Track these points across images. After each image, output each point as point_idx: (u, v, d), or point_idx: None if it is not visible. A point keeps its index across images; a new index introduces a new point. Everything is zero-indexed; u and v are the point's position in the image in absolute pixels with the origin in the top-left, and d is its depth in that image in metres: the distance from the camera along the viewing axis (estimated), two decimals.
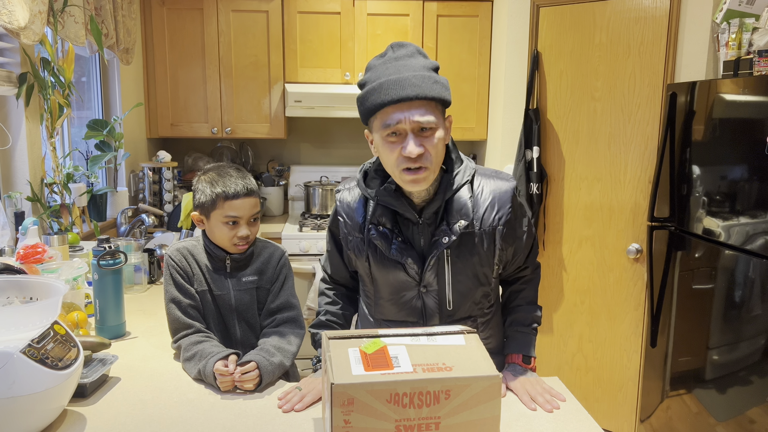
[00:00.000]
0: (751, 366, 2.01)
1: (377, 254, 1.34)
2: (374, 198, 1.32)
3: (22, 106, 2.17)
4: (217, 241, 1.55)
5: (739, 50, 2.30)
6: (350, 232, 1.38)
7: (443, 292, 1.34)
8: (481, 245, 1.32)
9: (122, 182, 3.11)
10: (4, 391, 1.05)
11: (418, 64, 1.23)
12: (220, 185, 1.50)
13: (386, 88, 1.19)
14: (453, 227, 1.29)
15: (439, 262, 1.32)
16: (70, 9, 2.26)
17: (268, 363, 1.38)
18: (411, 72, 1.20)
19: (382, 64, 1.25)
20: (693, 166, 2.28)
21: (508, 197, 1.33)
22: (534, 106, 2.90)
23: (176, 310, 1.51)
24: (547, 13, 2.84)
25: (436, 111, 1.23)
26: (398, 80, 1.19)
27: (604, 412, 2.88)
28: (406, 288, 1.36)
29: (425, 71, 1.22)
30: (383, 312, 1.42)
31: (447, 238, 1.29)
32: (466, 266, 1.33)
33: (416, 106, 1.19)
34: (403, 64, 1.22)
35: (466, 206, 1.29)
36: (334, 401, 0.98)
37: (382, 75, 1.22)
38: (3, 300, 1.26)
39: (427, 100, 1.20)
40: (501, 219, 1.32)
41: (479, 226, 1.31)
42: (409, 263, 1.32)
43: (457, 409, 1.04)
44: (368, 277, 1.40)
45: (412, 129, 1.20)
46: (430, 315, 1.37)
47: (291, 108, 3.22)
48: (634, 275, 2.74)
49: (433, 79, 1.21)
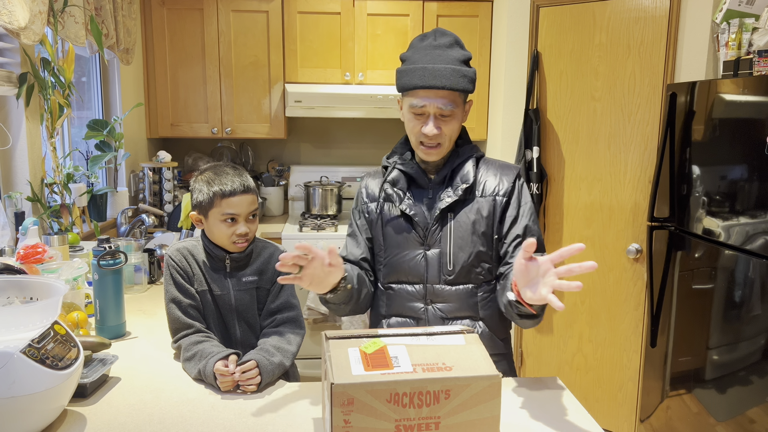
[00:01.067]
0: (751, 366, 2.01)
1: (390, 213, 1.52)
2: (392, 164, 1.53)
3: (22, 106, 2.17)
4: (216, 240, 1.55)
5: (739, 50, 2.30)
6: (368, 203, 1.56)
7: (444, 250, 1.47)
8: (481, 210, 1.47)
9: (122, 182, 3.11)
10: (4, 391, 1.05)
11: (453, 55, 1.41)
12: (217, 183, 1.51)
13: (421, 73, 1.39)
14: (456, 190, 1.46)
15: (442, 223, 1.47)
16: (70, 9, 2.26)
17: (268, 363, 1.38)
18: (444, 63, 1.39)
19: (423, 48, 1.42)
20: (693, 166, 2.28)
21: (512, 175, 1.51)
22: (534, 106, 2.90)
23: (176, 310, 1.51)
24: (547, 13, 2.84)
25: (457, 100, 1.42)
26: (433, 70, 1.38)
27: (604, 412, 2.88)
28: (412, 246, 1.49)
29: (457, 64, 1.40)
30: (390, 274, 1.52)
31: (449, 197, 1.46)
32: (467, 227, 1.47)
33: (442, 95, 1.40)
34: (439, 53, 1.40)
35: (469, 173, 1.48)
36: (334, 401, 0.98)
37: (420, 60, 1.41)
38: (3, 300, 1.26)
39: (453, 91, 1.40)
40: (502, 190, 1.48)
41: (480, 194, 1.49)
42: (416, 220, 1.47)
43: (457, 409, 1.05)
44: (381, 239, 1.53)
45: (434, 113, 1.41)
46: (432, 275, 1.48)
47: (291, 108, 3.22)
48: (634, 275, 2.74)
49: (462, 73, 1.40)
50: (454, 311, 1.50)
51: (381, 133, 3.82)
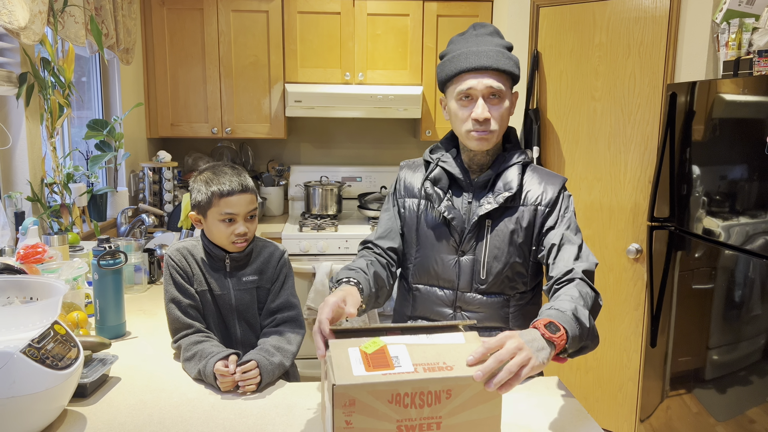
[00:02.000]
0: (751, 366, 2.01)
1: (427, 212, 1.48)
2: (435, 161, 1.48)
3: (22, 106, 2.17)
4: (215, 239, 1.55)
5: (739, 50, 2.30)
6: (405, 197, 1.53)
7: (479, 258, 1.43)
8: (521, 220, 1.42)
9: (122, 182, 3.11)
10: (4, 391, 1.05)
11: (495, 41, 1.41)
12: (215, 183, 1.50)
13: (465, 56, 1.37)
14: (497, 197, 1.41)
15: (479, 229, 1.43)
16: (70, 9, 2.26)
17: (268, 363, 1.38)
18: (488, 46, 1.38)
19: (464, 39, 1.43)
20: (693, 166, 2.28)
21: (557, 185, 1.46)
22: (534, 106, 2.90)
23: (176, 310, 1.51)
24: (547, 13, 2.84)
25: (506, 82, 1.39)
26: (477, 51, 1.37)
27: (604, 412, 2.88)
28: (446, 251, 1.46)
29: (501, 48, 1.40)
30: (421, 276, 1.50)
31: (489, 204, 1.41)
32: (504, 237, 1.42)
33: (489, 75, 1.36)
34: (482, 39, 1.40)
35: (513, 181, 1.42)
36: (335, 402, 0.98)
37: (463, 47, 1.40)
38: (3, 300, 1.26)
39: (500, 72, 1.37)
40: (545, 200, 1.43)
41: (522, 202, 1.43)
42: (453, 223, 1.43)
43: (458, 409, 1.04)
44: (414, 238, 1.50)
45: (483, 94, 1.37)
46: (464, 282, 1.45)
47: (291, 108, 3.22)
48: (634, 275, 2.74)
49: (507, 56, 1.39)
50: (483, 320, 1.46)
51: (381, 133, 3.82)
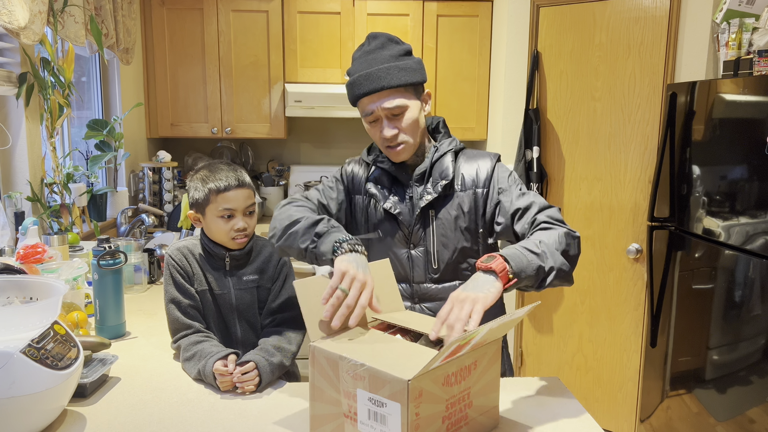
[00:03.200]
0: (751, 366, 2.01)
1: (375, 211, 1.50)
2: (371, 162, 1.52)
3: (22, 106, 2.17)
4: (215, 237, 1.55)
5: (739, 50, 2.30)
6: (354, 192, 1.54)
7: (429, 248, 1.47)
8: (462, 205, 1.46)
9: (122, 182, 3.11)
10: (4, 391, 1.05)
11: (384, 54, 1.39)
12: (212, 180, 1.51)
13: (359, 83, 1.39)
14: (435, 187, 1.44)
15: (424, 220, 1.46)
16: (70, 9, 2.26)
17: (267, 363, 1.38)
18: (378, 65, 1.38)
19: (359, 57, 1.42)
20: (693, 166, 2.28)
21: (488, 162, 1.48)
22: (534, 106, 2.90)
23: (176, 311, 1.51)
24: (547, 13, 2.84)
25: (405, 94, 1.40)
26: (367, 75, 1.38)
27: (604, 412, 2.88)
28: (397, 245, 1.49)
29: (393, 61, 1.39)
30: None
31: (428, 195, 1.44)
32: (449, 224, 1.46)
33: (385, 95, 1.38)
34: (373, 57, 1.40)
35: (447, 169, 1.45)
36: (410, 397, 0.98)
37: (357, 70, 1.41)
38: (3, 300, 1.26)
39: (393, 88, 1.38)
40: (481, 181, 1.46)
41: (460, 188, 1.46)
42: (400, 218, 1.47)
43: (479, 377, 1.11)
44: (364, 235, 1.52)
45: (385, 115, 1.40)
46: (418, 274, 1.48)
47: (291, 108, 3.22)
48: (634, 275, 2.74)
49: (398, 68, 1.38)
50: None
51: None
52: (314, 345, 1.12)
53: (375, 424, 1.04)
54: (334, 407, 1.10)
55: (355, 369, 1.05)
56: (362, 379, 1.04)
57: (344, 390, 1.08)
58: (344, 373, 1.07)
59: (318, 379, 1.12)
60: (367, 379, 1.03)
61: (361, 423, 1.06)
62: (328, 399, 1.11)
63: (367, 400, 1.04)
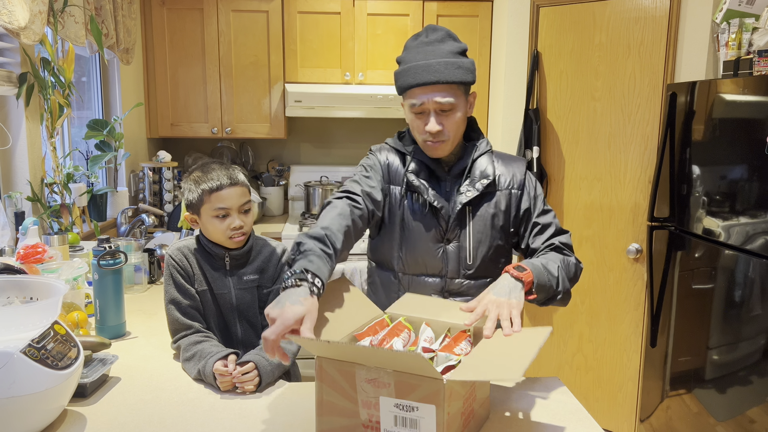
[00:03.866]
0: (751, 366, 2.01)
1: (411, 202, 1.49)
2: (410, 153, 1.50)
3: (22, 106, 2.17)
4: (212, 237, 1.55)
5: (739, 50, 2.30)
6: (392, 182, 1.52)
7: (464, 244, 1.48)
8: (499, 204, 1.49)
9: (122, 182, 3.11)
10: (4, 391, 1.05)
11: (446, 49, 1.40)
12: (205, 180, 1.51)
13: (414, 71, 1.39)
14: (476, 184, 1.46)
15: (462, 216, 1.47)
16: (70, 9, 2.26)
17: (267, 363, 1.38)
18: (437, 58, 1.38)
19: (415, 47, 1.42)
20: (693, 166, 2.28)
21: (522, 166, 1.54)
22: (534, 106, 2.90)
23: (175, 311, 1.51)
24: (547, 13, 2.84)
25: (457, 92, 1.40)
26: (425, 66, 1.37)
27: (604, 412, 2.88)
28: (432, 239, 1.49)
29: (451, 56, 1.39)
30: (408, 266, 1.52)
31: (470, 191, 1.46)
32: (486, 221, 1.48)
33: (438, 90, 1.38)
34: (432, 49, 1.39)
35: (488, 168, 1.48)
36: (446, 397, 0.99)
37: (413, 59, 1.40)
38: (3, 300, 1.26)
39: (449, 84, 1.38)
40: (516, 183, 1.50)
41: (497, 187, 1.49)
42: (442, 212, 1.46)
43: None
44: (397, 228, 1.50)
45: (434, 108, 1.40)
46: (452, 269, 1.49)
47: (291, 108, 3.22)
48: (634, 275, 2.74)
49: (457, 65, 1.39)
50: None
51: (381, 133, 3.82)
52: (321, 357, 1.08)
53: (403, 430, 1.02)
54: (348, 419, 1.07)
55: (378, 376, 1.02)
56: (386, 386, 1.02)
57: (363, 400, 1.05)
58: (362, 382, 1.04)
59: (327, 392, 1.08)
60: (393, 385, 1.01)
61: (386, 431, 1.04)
62: (341, 411, 1.07)
63: (393, 407, 1.02)
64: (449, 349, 1.17)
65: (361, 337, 1.23)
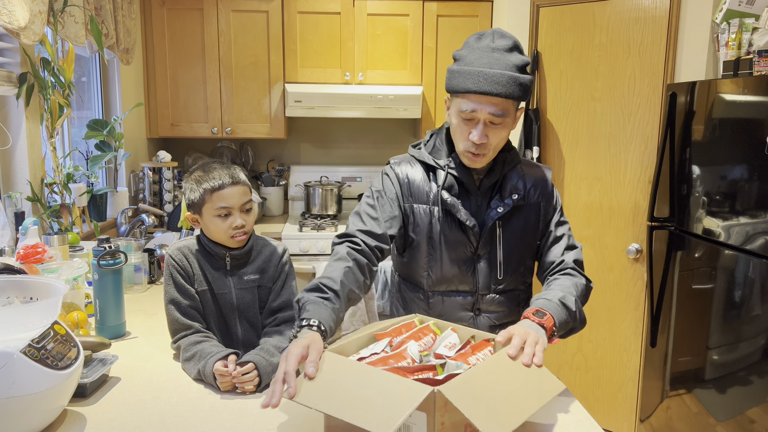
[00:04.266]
0: (751, 366, 2.01)
1: (444, 220, 1.45)
2: (444, 168, 1.45)
3: (22, 106, 2.17)
4: (213, 236, 1.55)
5: (739, 50, 2.30)
6: (415, 201, 1.48)
7: (495, 259, 1.46)
8: (528, 217, 1.48)
9: (122, 182, 3.11)
10: (4, 391, 1.05)
11: (511, 61, 1.33)
12: (206, 180, 1.51)
13: (476, 76, 1.31)
14: (506, 200, 1.44)
15: (493, 231, 1.45)
16: (70, 9, 2.26)
17: (268, 363, 1.38)
18: (501, 69, 1.31)
19: (480, 49, 1.34)
20: (693, 166, 2.28)
21: (548, 177, 1.53)
22: (534, 106, 2.90)
23: (175, 312, 1.51)
24: (547, 13, 2.84)
25: (510, 108, 1.35)
26: (488, 75, 1.30)
27: (604, 412, 2.88)
28: (463, 255, 1.46)
29: (514, 70, 1.32)
30: (438, 283, 1.49)
31: (501, 207, 1.43)
32: (516, 235, 1.46)
33: (494, 102, 1.32)
34: (497, 57, 1.32)
35: (518, 183, 1.46)
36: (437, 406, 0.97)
37: (476, 62, 1.32)
38: (3, 300, 1.26)
39: (506, 99, 1.32)
40: (544, 195, 1.49)
41: (527, 201, 1.47)
42: (474, 229, 1.43)
43: None
44: (426, 246, 1.47)
45: (485, 120, 1.34)
46: (483, 285, 1.47)
47: (291, 108, 3.22)
48: (634, 275, 2.74)
49: (518, 81, 1.32)
50: (502, 318, 1.51)
51: (381, 133, 3.82)
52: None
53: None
54: None
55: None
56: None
57: None
58: None
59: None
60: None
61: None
62: None
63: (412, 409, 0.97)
64: (464, 357, 1.15)
65: (381, 336, 1.23)
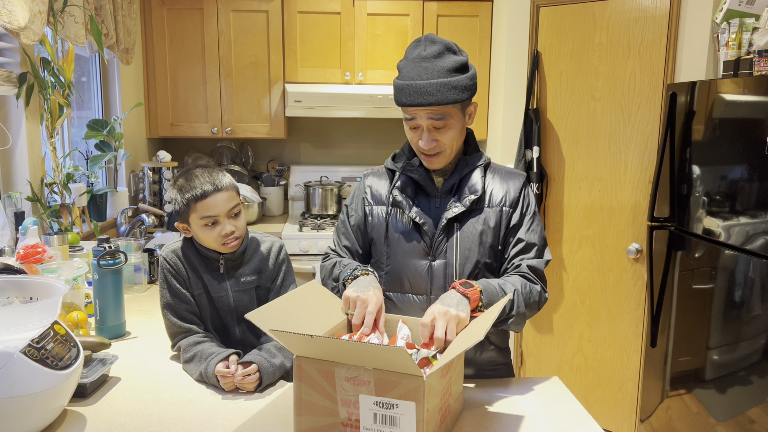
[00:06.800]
0: (751, 366, 2.01)
1: (396, 220, 1.48)
2: (399, 170, 1.48)
3: (22, 106, 2.17)
4: (204, 244, 1.51)
5: (739, 50, 2.30)
6: (374, 205, 1.52)
7: (450, 262, 1.44)
8: (488, 221, 1.45)
9: (122, 182, 3.11)
10: (4, 391, 1.05)
11: (441, 66, 1.34)
12: (188, 189, 1.46)
13: (408, 91, 1.35)
14: (463, 200, 1.43)
15: (449, 231, 1.44)
16: (70, 9, 2.26)
17: (269, 365, 1.38)
18: (431, 78, 1.33)
19: (412, 60, 1.37)
20: (693, 166, 2.28)
21: (518, 183, 1.49)
22: (534, 106, 2.90)
23: (171, 316, 1.50)
24: (547, 13, 2.84)
25: (450, 110, 1.37)
26: (418, 87, 1.33)
27: (604, 412, 2.88)
28: (418, 256, 1.45)
29: (446, 75, 1.34)
30: (392, 283, 1.49)
31: (456, 207, 1.42)
32: (474, 238, 1.44)
33: (430, 111, 1.35)
34: (426, 66, 1.34)
35: (477, 184, 1.45)
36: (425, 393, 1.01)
37: (408, 74, 1.36)
38: (3, 300, 1.26)
39: (441, 105, 1.34)
40: (509, 200, 1.46)
41: (488, 204, 1.45)
42: (425, 228, 1.43)
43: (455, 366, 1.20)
44: (383, 246, 1.49)
45: (427, 126, 1.37)
46: (437, 286, 1.44)
47: (291, 108, 3.22)
48: (634, 275, 2.74)
49: (451, 85, 1.33)
50: None
51: (381, 133, 3.82)
52: (300, 357, 1.09)
53: (383, 427, 1.03)
54: (327, 418, 1.08)
55: (358, 374, 1.03)
56: (366, 383, 1.02)
57: (342, 398, 1.05)
58: (342, 380, 1.05)
59: (306, 391, 1.09)
60: (373, 383, 1.02)
61: (365, 428, 1.04)
62: (320, 410, 1.08)
63: (372, 405, 1.03)
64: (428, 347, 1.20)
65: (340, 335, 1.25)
